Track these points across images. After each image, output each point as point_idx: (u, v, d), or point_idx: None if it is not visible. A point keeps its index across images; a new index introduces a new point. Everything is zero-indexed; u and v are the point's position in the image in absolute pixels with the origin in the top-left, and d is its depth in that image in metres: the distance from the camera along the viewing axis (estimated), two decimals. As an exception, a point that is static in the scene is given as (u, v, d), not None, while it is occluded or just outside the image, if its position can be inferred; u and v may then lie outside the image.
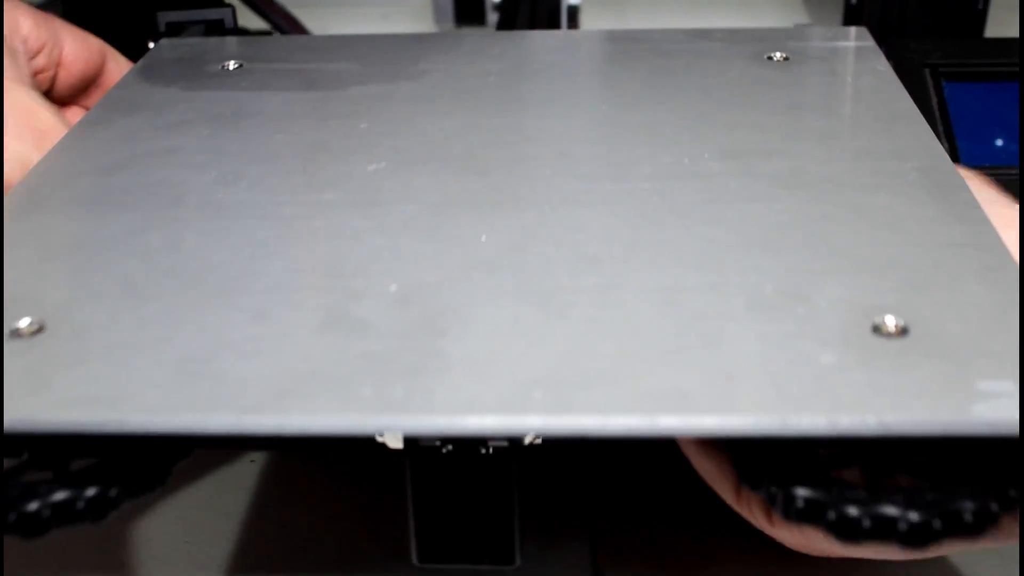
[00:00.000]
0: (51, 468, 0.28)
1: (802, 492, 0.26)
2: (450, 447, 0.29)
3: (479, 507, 0.30)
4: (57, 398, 0.26)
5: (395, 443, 0.29)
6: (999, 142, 0.50)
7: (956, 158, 0.49)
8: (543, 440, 0.29)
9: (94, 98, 0.49)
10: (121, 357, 0.28)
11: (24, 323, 0.29)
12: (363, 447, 0.30)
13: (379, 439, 0.29)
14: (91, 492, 0.27)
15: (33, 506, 0.27)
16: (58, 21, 0.48)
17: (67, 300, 0.30)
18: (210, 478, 0.42)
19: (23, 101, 0.42)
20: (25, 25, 0.46)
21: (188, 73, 0.47)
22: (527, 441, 0.29)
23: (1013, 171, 0.48)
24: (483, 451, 0.29)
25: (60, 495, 0.27)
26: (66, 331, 0.29)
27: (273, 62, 0.48)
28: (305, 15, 0.74)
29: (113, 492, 0.27)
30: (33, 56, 0.46)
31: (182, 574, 0.38)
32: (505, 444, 0.29)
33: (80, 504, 0.27)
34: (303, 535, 0.39)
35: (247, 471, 0.43)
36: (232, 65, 0.47)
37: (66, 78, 0.48)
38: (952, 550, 0.32)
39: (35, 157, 0.40)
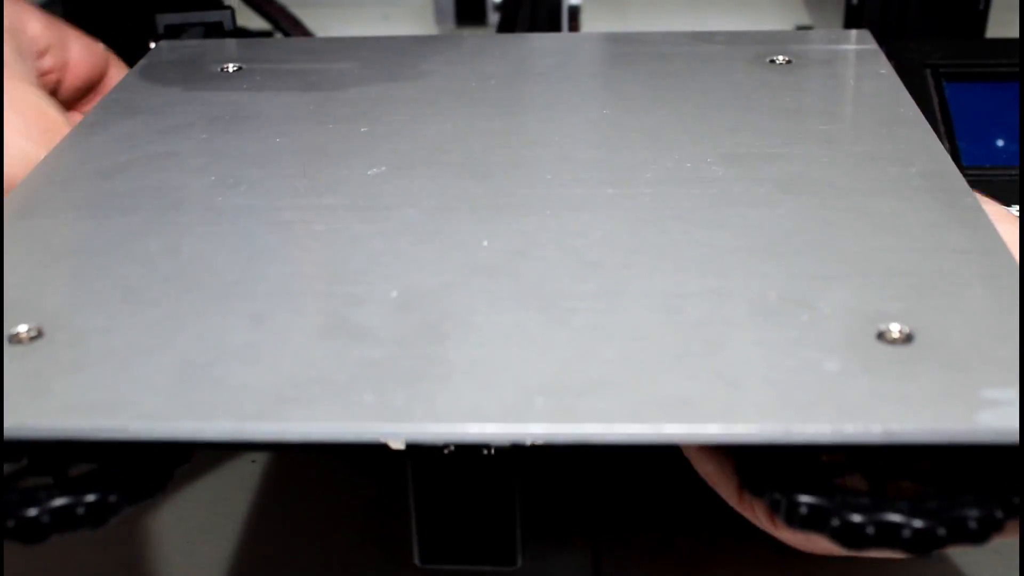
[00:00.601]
0: (51, 474, 0.28)
1: (806, 499, 0.26)
2: (452, 448, 0.29)
3: (481, 508, 0.30)
4: (57, 404, 0.26)
5: (397, 444, 0.29)
6: (1000, 142, 0.50)
7: (957, 158, 0.49)
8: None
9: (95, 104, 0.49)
10: (120, 363, 0.28)
11: (23, 329, 0.29)
12: (365, 448, 0.30)
13: (380, 440, 0.29)
14: (91, 498, 0.27)
15: (33, 512, 0.26)
16: (66, 25, 0.48)
17: (66, 305, 0.30)
18: (211, 478, 0.42)
19: (31, 99, 0.42)
20: (33, 26, 0.45)
21: (187, 75, 0.46)
22: (529, 442, 0.29)
23: (1013, 171, 0.48)
24: (485, 452, 0.29)
25: (60, 501, 0.27)
26: (65, 337, 0.29)
27: (273, 64, 0.47)
28: (305, 15, 0.73)
29: (113, 498, 0.27)
30: (40, 57, 0.46)
31: (183, 574, 0.38)
32: (507, 445, 0.29)
33: (80, 510, 0.27)
34: (304, 536, 0.39)
35: (248, 471, 0.43)
36: (231, 67, 0.47)
37: (72, 81, 0.48)
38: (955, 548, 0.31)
39: (41, 155, 0.40)
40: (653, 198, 0.35)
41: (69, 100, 0.49)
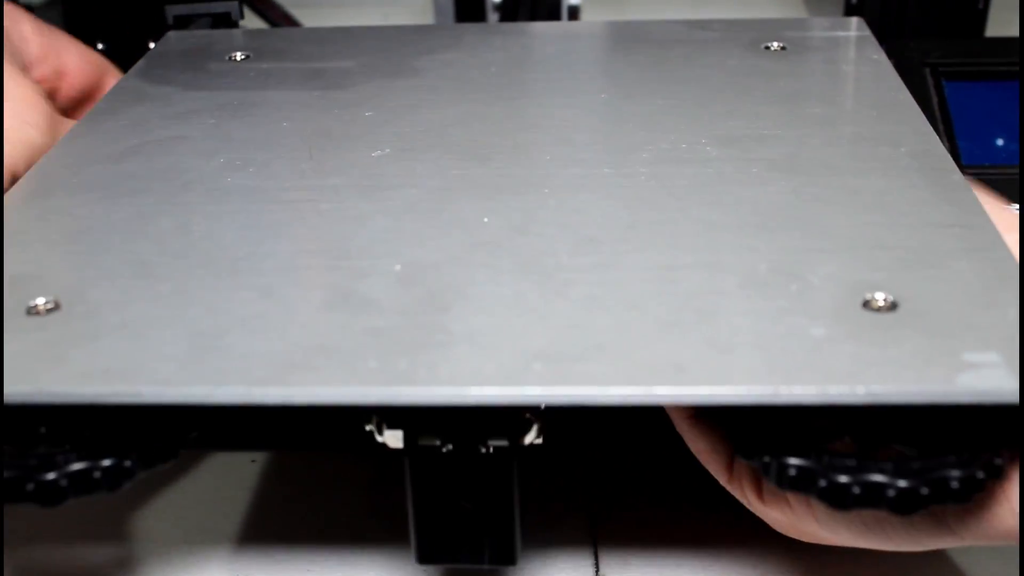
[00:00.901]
0: (68, 440, 0.29)
1: (794, 461, 0.27)
2: (450, 447, 0.30)
3: (479, 507, 0.30)
4: (74, 371, 0.27)
5: (395, 443, 0.30)
6: (999, 142, 0.50)
7: (957, 158, 0.49)
8: (543, 440, 0.30)
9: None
10: (134, 333, 0.29)
11: (40, 301, 0.30)
12: (363, 447, 0.30)
13: (379, 439, 0.30)
14: (107, 462, 0.28)
15: (51, 476, 0.27)
16: (61, 34, 0.48)
17: (81, 280, 0.31)
18: (211, 479, 0.42)
19: (28, 90, 0.42)
20: (26, 28, 0.46)
21: (195, 64, 0.47)
22: (527, 441, 0.30)
23: (1013, 171, 0.48)
24: (483, 451, 0.30)
25: (77, 465, 0.28)
26: (81, 309, 0.30)
27: (279, 53, 0.48)
28: (305, 15, 0.74)
29: (128, 462, 0.28)
30: (36, 65, 0.46)
31: (182, 574, 0.38)
32: (505, 444, 0.30)
33: (96, 474, 0.28)
34: (303, 536, 0.39)
35: (248, 471, 0.43)
36: (239, 56, 0.48)
37: (67, 90, 0.48)
38: (948, 544, 0.32)
39: (47, 144, 0.40)
40: (649, 177, 0.36)
41: (66, 109, 0.48)
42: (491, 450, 0.30)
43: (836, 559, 0.37)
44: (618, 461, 0.42)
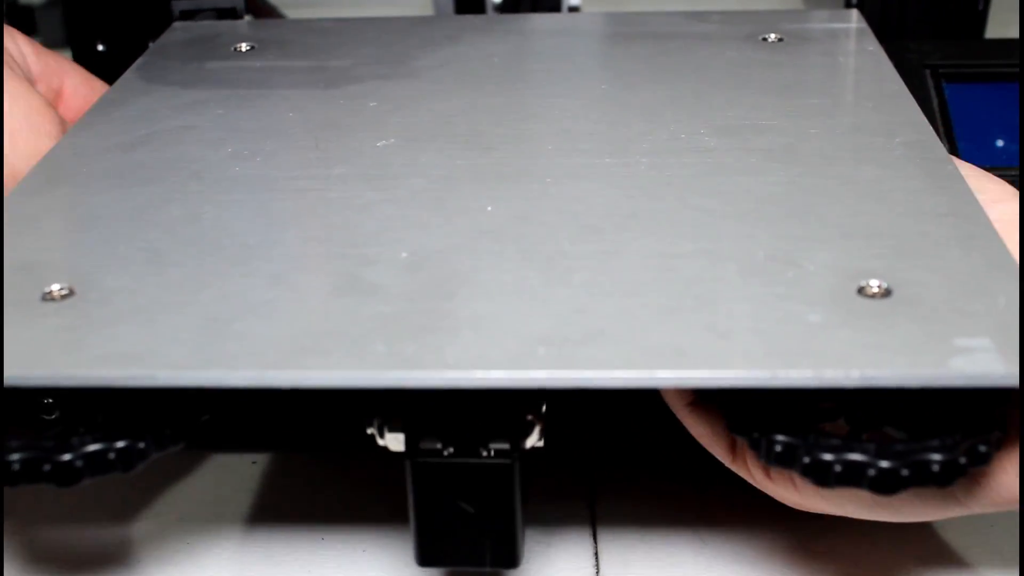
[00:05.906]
0: (83, 423, 0.29)
1: (781, 438, 0.28)
2: (451, 450, 0.30)
3: (481, 510, 0.31)
4: (89, 356, 0.28)
5: (397, 446, 0.31)
6: (999, 143, 0.51)
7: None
8: (544, 443, 0.31)
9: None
10: (148, 318, 0.29)
11: (55, 287, 0.31)
12: (365, 449, 0.31)
13: (380, 442, 0.31)
14: (121, 444, 0.29)
15: (67, 457, 0.28)
16: (63, 58, 0.48)
17: (95, 267, 0.32)
18: (211, 479, 0.43)
19: (38, 101, 0.42)
20: (25, 48, 0.46)
21: (201, 55, 0.48)
22: (529, 445, 0.31)
23: (1013, 171, 0.49)
24: (484, 453, 0.30)
25: (92, 447, 0.28)
26: (95, 295, 0.30)
27: (284, 44, 0.49)
28: (304, 15, 0.75)
29: (142, 444, 0.29)
30: (35, 85, 0.46)
31: (183, 574, 0.38)
32: (506, 447, 0.30)
33: (111, 455, 0.28)
34: (304, 537, 0.39)
35: (248, 472, 0.43)
36: (244, 47, 0.49)
37: (64, 112, 0.47)
38: (955, 514, 0.32)
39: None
40: (649, 167, 0.37)
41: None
42: (492, 453, 0.30)
43: (837, 562, 0.38)
44: (620, 461, 0.43)
